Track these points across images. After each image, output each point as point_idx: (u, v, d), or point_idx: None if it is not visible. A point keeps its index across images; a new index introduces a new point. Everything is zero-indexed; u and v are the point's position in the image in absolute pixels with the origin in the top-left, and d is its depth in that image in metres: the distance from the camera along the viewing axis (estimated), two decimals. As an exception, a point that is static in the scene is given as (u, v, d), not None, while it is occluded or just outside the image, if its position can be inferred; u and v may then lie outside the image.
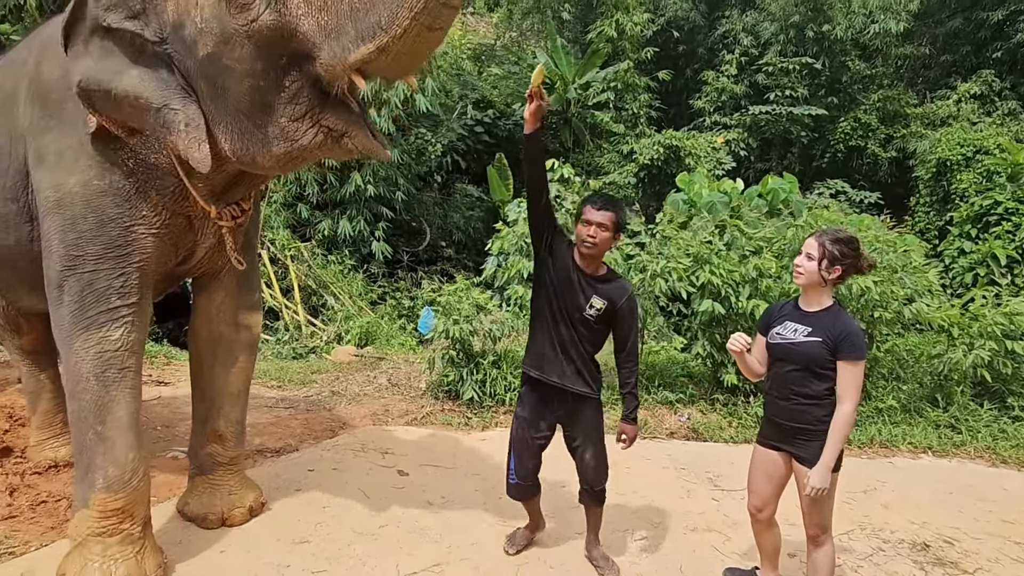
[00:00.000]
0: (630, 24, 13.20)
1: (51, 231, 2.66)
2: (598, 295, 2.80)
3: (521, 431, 3.01)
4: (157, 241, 2.72)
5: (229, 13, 2.21)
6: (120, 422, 2.66)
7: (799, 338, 2.57)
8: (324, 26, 2.15)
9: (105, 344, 2.63)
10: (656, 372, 5.87)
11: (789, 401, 2.61)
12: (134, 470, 2.70)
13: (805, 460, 2.58)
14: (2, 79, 2.98)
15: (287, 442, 4.50)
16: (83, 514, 2.68)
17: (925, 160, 11.74)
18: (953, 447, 5.00)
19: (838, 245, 2.56)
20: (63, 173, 2.62)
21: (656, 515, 3.67)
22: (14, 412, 4.57)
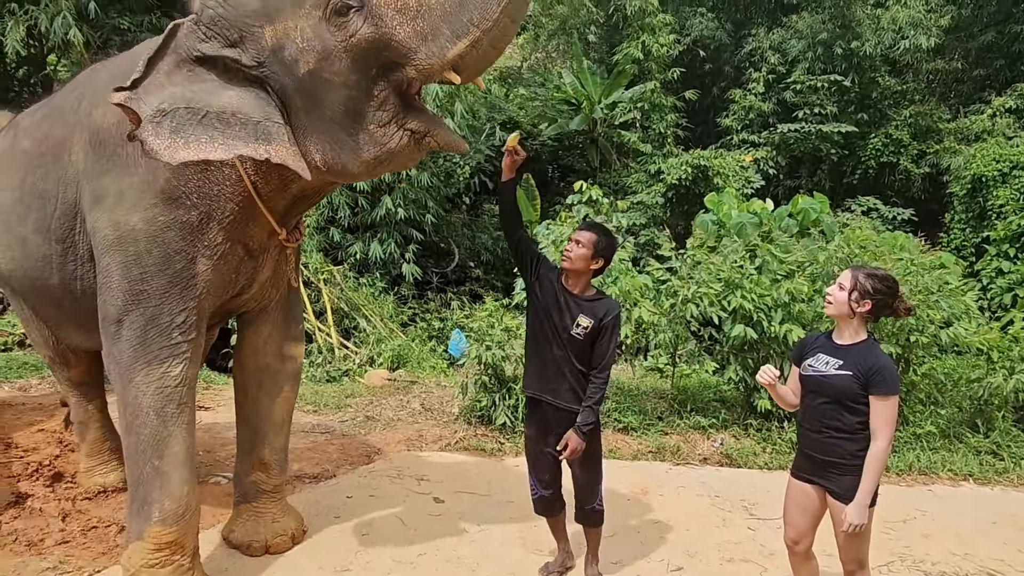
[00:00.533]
0: (656, 45, 13.28)
1: (111, 268, 2.76)
2: (584, 314, 2.92)
3: (532, 447, 3.13)
4: (217, 274, 2.83)
5: (329, 31, 2.42)
6: (176, 457, 2.76)
7: (830, 371, 2.57)
8: (420, 31, 2.37)
9: (166, 379, 2.73)
10: (688, 396, 5.86)
11: (821, 434, 2.60)
12: (188, 504, 2.80)
13: (838, 495, 2.57)
14: (51, 127, 3.12)
15: (324, 468, 4.59)
16: (137, 546, 2.77)
17: (960, 176, 11.57)
18: (995, 474, 4.90)
19: (872, 280, 2.58)
20: (123, 212, 2.74)
21: (692, 545, 3.67)
22: (64, 438, 4.75)
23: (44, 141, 3.10)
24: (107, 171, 2.80)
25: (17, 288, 3.41)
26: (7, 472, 4.26)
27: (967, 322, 5.33)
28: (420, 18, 2.36)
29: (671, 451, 5.11)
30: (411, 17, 2.37)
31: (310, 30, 2.45)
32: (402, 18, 2.37)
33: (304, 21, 2.46)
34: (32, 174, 3.11)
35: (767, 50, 14.44)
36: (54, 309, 3.37)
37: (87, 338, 3.49)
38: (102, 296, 2.84)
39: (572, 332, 2.92)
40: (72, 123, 2.99)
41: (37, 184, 3.08)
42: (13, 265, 3.27)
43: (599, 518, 3.14)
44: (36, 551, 3.35)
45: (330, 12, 2.40)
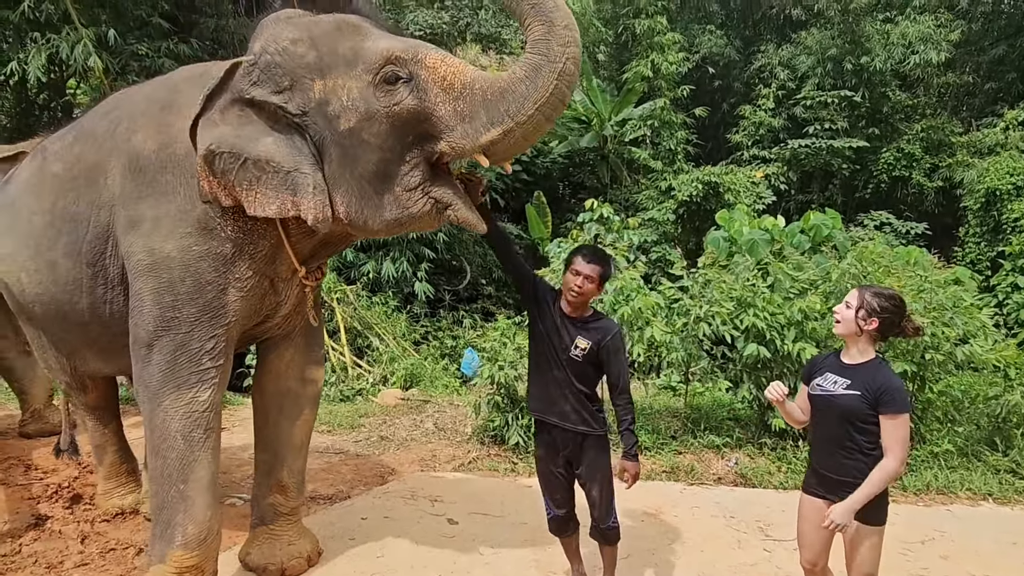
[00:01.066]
0: (665, 63, 13.37)
1: (143, 293, 2.82)
2: (582, 336, 2.94)
3: (543, 467, 3.16)
4: (245, 303, 2.89)
5: (375, 95, 2.59)
6: (201, 482, 2.80)
7: (838, 390, 2.57)
8: (459, 111, 2.56)
9: (194, 404, 2.78)
10: (701, 415, 5.84)
11: (833, 453, 2.60)
12: (210, 529, 2.83)
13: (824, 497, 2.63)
14: (83, 151, 3.16)
15: (339, 488, 4.61)
16: (159, 569, 2.81)
17: (973, 190, 11.53)
18: (1015, 493, 4.83)
19: (878, 298, 2.58)
20: (159, 239, 2.79)
21: (707, 567, 3.65)
22: (82, 460, 4.81)
23: (76, 165, 3.14)
24: (145, 197, 2.86)
25: (40, 313, 3.43)
26: (27, 494, 4.32)
27: (983, 339, 5.29)
28: (462, 100, 2.55)
29: (685, 471, 5.09)
30: (454, 97, 2.56)
31: (357, 91, 2.61)
32: (445, 96, 2.57)
33: (353, 82, 2.62)
34: (64, 198, 3.14)
35: (776, 66, 14.52)
36: (78, 335, 3.39)
37: (106, 364, 3.55)
38: (133, 320, 2.89)
39: (571, 354, 2.94)
40: (109, 148, 3.03)
41: (69, 207, 3.11)
42: (40, 289, 3.30)
43: (615, 535, 3.14)
44: (56, 573, 3.39)
45: (380, 79, 2.58)
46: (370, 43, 2.66)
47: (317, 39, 2.69)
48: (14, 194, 3.49)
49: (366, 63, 2.61)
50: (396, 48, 2.61)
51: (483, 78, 2.59)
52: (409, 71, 2.59)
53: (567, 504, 3.19)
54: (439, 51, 2.67)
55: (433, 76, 2.58)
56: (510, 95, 2.49)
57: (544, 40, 2.45)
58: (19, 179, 3.55)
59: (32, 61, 7.46)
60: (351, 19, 2.78)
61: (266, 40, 2.71)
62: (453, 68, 2.60)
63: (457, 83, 2.57)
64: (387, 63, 2.58)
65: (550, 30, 2.44)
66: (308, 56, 2.65)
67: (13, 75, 7.68)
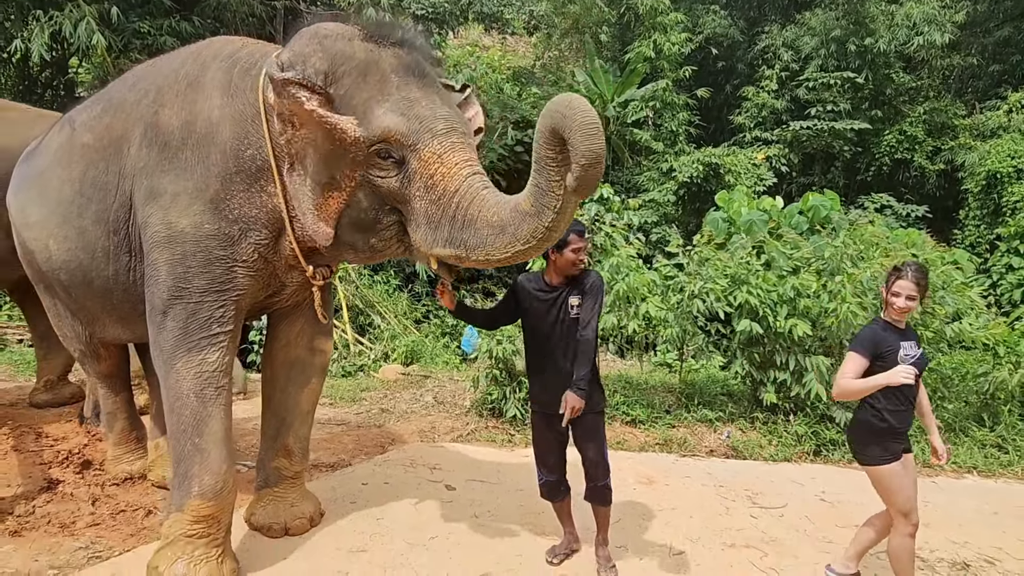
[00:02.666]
0: (667, 44, 13.33)
1: (159, 263, 2.93)
2: (572, 295, 3.14)
3: (538, 433, 3.34)
4: (252, 280, 3.01)
5: (366, 161, 2.65)
6: (215, 435, 2.93)
7: (918, 352, 2.97)
8: (429, 215, 2.64)
9: (204, 365, 2.91)
10: (696, 390, 5.96)
11: (909, 409, 2.99)
12: (226, 480, 2.97)
13: (907, 448, 3.03)
14: (112, 121, 3.23)
15: (340, 457, 4.75)
16: (177, 516, 2.95)
17: (974, 172, 11.52)
18: (1000, 467, 4.96)
19: (925, 279, 2.98)
20: (176, 213, 2.90)
21: (694, 531, 3.78)
22: (92, 428, 4.95)
23: (106, 135, 3.22)
24: (167, 171, 2.95)
25: (66, 280, 3.53)
26: (39, 460, 4.46)
27: (973, 318, 5.38)
28: (436, 206, 2.61)
29: (678, 443, 5.22)
30: (431, 200, 2.62)
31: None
32: (425, 194, 2.63)
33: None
34: (94, 167, 3.23)
35: (780, 47, 14.42)
36: (100, 301, 3.50)
37: (125, 330, 3.65)
38: (150, 289, 3.01)
39: (571, 316, 3.12)
40: (135, 118, 3.11)
41: (99, 177, 3.21)
42: (69, 256, 3.40)
43: (608, 495, 3.25)
44: (68, 532, 3.52)
45: (373, 150, 2.64)
46: (381, 110, 2.63)
47: (341, 78, 2.68)
48: (43, 164, 3.58)
49: (367, 130, 2.61)
50: (399, 130, 2.60)
51: (468, 193, 2.57)
52: (403, 155, 2.62)
53: (558, 470, 3.32)
54: (445, 141, 2.63)
55: (422, 171, 2.61)
56: (478, 231, 2.53)
57: (550, 193, 2.38)
58: (48, 149, 3.64)
59: (35, 39, 7.52)
60: (384, 63, 2.72)
61: (296, 58, 2.72)
62: (445, 170, 2.60)
63: (440, 187, 2.59)
64: (383, 141, 2.61)
65: (567, 183, 2.33)
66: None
67: (16, 53, 7.76)
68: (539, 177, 2.39)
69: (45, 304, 4.12)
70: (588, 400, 3.07)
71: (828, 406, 5.23)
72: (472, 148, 2.75)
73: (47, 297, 4.00)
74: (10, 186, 3.95)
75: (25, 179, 3.75)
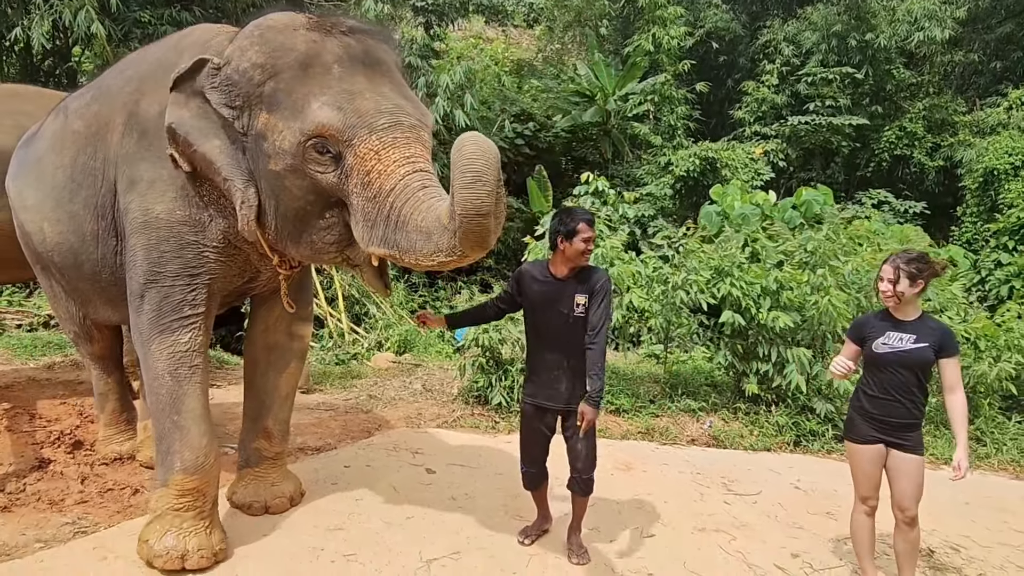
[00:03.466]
0: (667, 38, 13.34)
1: (136, 248, 3.03)
2: (579, 292, 3.07)
3: (526, 423, 3.34)
4: (224, 265, 3.08)
5: (304, 156, 2.60)
6: (193, 412, 3.02)
7: (908, 345, 2.89)
8: (366, 212, 2.56)
9: (177, 346, 3.00)
10: (680, 381, 6.03)
11: (896, 400, 2.93)
12: (207, 454, 3.06)
13: (908, 447, 2.95)
14: (100, 108, 3.32)
15: (326, 441, 4.84)
16: (162, 491, 3.06)
17: (972, 169, 11.52)
18: (976, 459, 5.02)
19: (914, 264, 2.90)
20: (152, 200, 2.99)
21: (667, 515, 3.86)
22: (84, 410, 5.05)
23: (94, 122, 3.31)
24: (145, 159, 3.04)
25: (59, 262, 3.63)
26: (32, 440, 4.56)
27: (954, 312, 5.43)
28: (372, 204, 2.53)
29: (660, 432, 5.30)
30: (367, 197, 2.54)
31: (289, 144, 2.61)
32: (362, 191, 2.56)
33: (289, 133, 2.61)
34: (84, 153, 3.32)
35: (781, 42, 14.43)
36: (89, 283, 3.59)
37: (114, 312, 3.73)
38: (128, 273, 3.11)
39: (575, 314, 3.06)
40: (118, 106, 3.18)
41: (88, 163, 3.29)
42: (61, 239, 3.50)
43: (591, 487, 3.26)
44: (57, 509, 3.62)
45: (309, 144, 2.57)
46: (318, 104, 2.56)
47: (280, 71, 2.64)
48: (41, 150, 3.69)
49: (303, 124, 2.57)
50: (333, 124, 2.53)
51: (403, 193, 2.49)
52: (339, 150, 2.56)
53: (540, 462, 3.38)
54: (384, 136, 2.54)
55: (358, 167, 2.55)
56: (409, 234, 2.47)
57: (455, 205, 2.30)
58: (45, 135, 3.74)
59: (36, 28, 7.59)
60: (328, 54, 2.64)
61: (235, 51, 2.72)
62: (381, 167, 2.52)
63: (375, 185, 2.52)
64: (318, 136, 2.56)
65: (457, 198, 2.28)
66: (265, 87, 2.65)
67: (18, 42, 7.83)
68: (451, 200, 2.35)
69: (43, 286, 4.22)
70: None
71: (809, 397, 5.30)
72: (420, 143, 2.62)
73: (44, 279, 4.09)
74: (9, 170, 4.06)
75: (23, 164, 3.85)
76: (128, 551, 3.15)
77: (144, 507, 3.70)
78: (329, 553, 3.25)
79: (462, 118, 10.15)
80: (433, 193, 2.52)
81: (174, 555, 2.98)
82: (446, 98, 9.64)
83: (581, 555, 3.30)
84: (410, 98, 2.75)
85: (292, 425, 4.16)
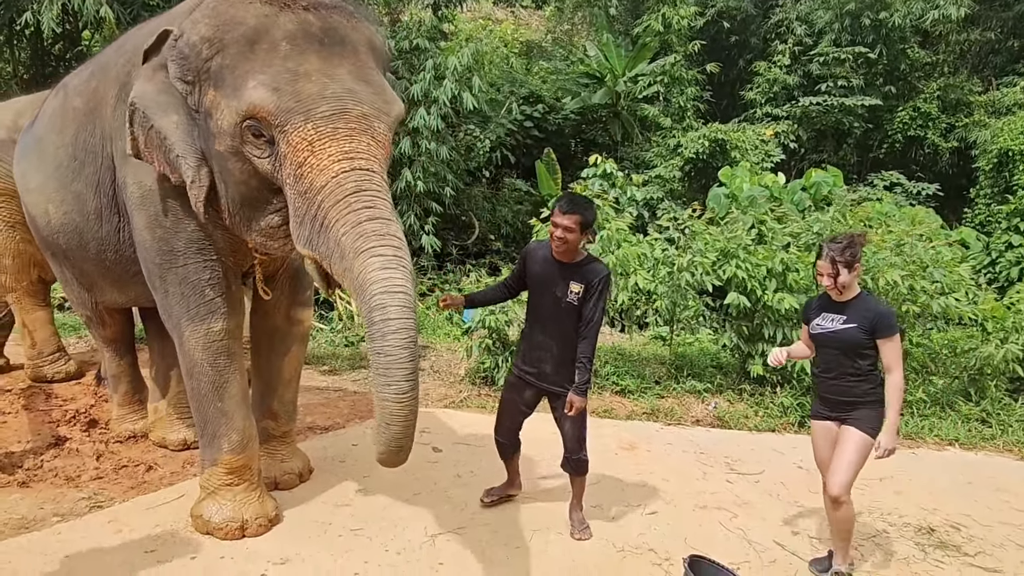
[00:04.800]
0: (676, 18, 13.20)
1: (141, 226, 3.04)
2: (575, 280, 3.09)
3: (507, 394, 3.46)
4: (229, 240, 3.03)
5: (243, 138, 2.47)
6: (235, 397, 3.12)
7: (837, 326, 2.96)
8: (296, 207, 2.42)
9: (211, 335, 3.04)
10: (686, 362, 6.06)
11: (839, 379, 2.98)
12: (250, 435, 3.19)
13: (852, 420, 2.95)
14: (97, 84, 3.32)
15: (335, 421, 4.93)
16: (213, 470, 3.19)
17: (986, 150, 11.38)
18: (982, 440, 5.03)
19: (846, 251, 2.90)
20: (144, 172, 2.97)
21: (670, 493, 3.91)
22: (99, 390, 5.17)
23: (92, 98, 3.31)
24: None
25: (64, 244, 3.66)
26: (48, 418, 4.68)
27: (961, 293, 5.41)
28: (302, 199, 2.38)
29: (665, 413, 5.34)
30: (299, 192, 2.38)
31: (228, 124, 2.49)
32: (294, 183, 2.40)
33: (228, 111, 2.48)
34: (84, 130, 3.33)
35: (794, 21, 14.22)
36: (94, 264, 3.62)
37: (120, 293, 3.79)
38: (140, 254, 3.13)
39: (568, 300, 3.10)
40: (112, 79, 3.17)
41: (88, 140, 3.30)
42: (66, 220, 3.52)
43: (584, 467, 3.37)
44: (73, 484, 3.73)
45: (244, 126, 2.44)
46: (254, 83, 2.39)
47: (227, 47, 2.48)
48: (41, 131, 3.71)
49: (238, 103, 2.42)
50: (265, 107, 2.36)
51: (333, 194, 2.28)
52: (272, 135, 2.41)
53: (511, 435, 3.50)
54: (322, 126, 2.33)
55: (291, 157, 2.37)
56: (327, 242, 2.31)
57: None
58: (44, 115, 3.76)
59: (45, 12, 7.64)
60: (278, 30, 2.44)
61: (189, 23, 2.58)
62: (315, 160, 2.32)
63: (307, 180, 2.33)
64: (250, 117, 2.41)
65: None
66: (212, 63, 2.52)
67: (28, 26, 7.88)
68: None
69: (55, 270, 4.28)
70: (567, 390, 3.16)
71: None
72: (368, 135, 2.39)
73: (55, 264, 4.15)
74: (14, 155, 4.10)
75: (26, 147, 3.89)
76: (142, 524, 3.26)
77: (157, 483, 3.81)
78: (337, 527, 3.33)
79: (470, 100, 10.12)
80: (366, 200, 2.29)
81: (233, 526, 3.14)
82: (454, 80, 9.60)
83: (583, 531, 3.36)
84: (372, 82, 2.51)
85: (301, 405, 4.25)
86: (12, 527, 3.23)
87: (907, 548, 3.44)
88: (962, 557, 3.39)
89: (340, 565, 3.01)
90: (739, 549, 3.34)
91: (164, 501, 3.55)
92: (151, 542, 3.13)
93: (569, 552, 3.22)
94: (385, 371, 2.13)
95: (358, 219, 2.26)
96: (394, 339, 2.10)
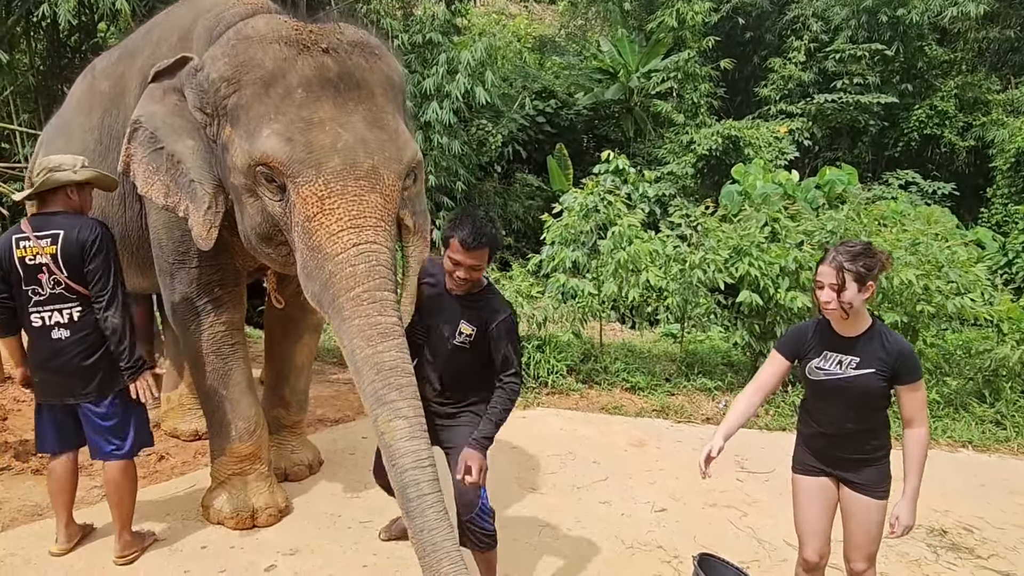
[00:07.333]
0: (691, 13, 13.12)
1: (159, 226, 3.09)
2: (466, 321, 2.46)
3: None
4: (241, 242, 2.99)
5: (256, 178, 2.46)
6: (240, 386, 3.16)
7: (848, 372, 2.22)
8: (304, 259, 2.39)
9: (216, 327, 3.09)
10: (696, 360, 6.04)
11: (841, 435, 2.31)
12: (257, 423, 3.21)
13: (861, 486, 2.30)
14: (124, 69, 3.34)
15: (345, 413, 4.94)
16: (222, 460, 3.21)
17: (1004, 149, 11.26)
18: (996, 442, 4.97)
19: (859, 261, 2.18)
20: None
21: (678, 491, 3.90)
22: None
23: (119, 83, 3.34)
24: None
25: None
26: (62, 406, 4.71)
27: (977, 293, 5.35)
28: (311, 254, 2.35)
29: (675, 410, 5.31)
30: (307, 245, 2.35)
31: (242, 163, 2.49)
32: (302, 235, 2.37)
33: (242, 152, 2.48)
34: (109, 115, 3.36)
35: (810, 17, 14.12)
36: (121, 248, 3.62)
37: (143, 278, 3.76)
38: (156, 251, 3.17)
39: (456, 342, 2.47)
40: (137, 67, 3.19)
41: (113, 125, 3.33)
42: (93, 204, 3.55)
43: (485, 539, 2.50)
44: (85, 473, 3.72)
45: (257, 169, 2.44)
46: (268, 131, 2.38)
47: (243, 87, 2.48)
48: (68, 114, 3.74)
49: (251, 148, 2.43)
50: (278, 156, 2.35)
51: (344, 270, 2.25)
52: (283, 183, 2.39)
53: (384, 476, 2.42)
54: (333, 183, 2.29)
55: (300, 208, 2.34)
56: (335, 314, 2.30)
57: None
58: (72, 98, 3.79)
59: (62, 4, 7.68)
60: (294, 75, 2.42)
61: (209, 58, 2.59)
62: (323, 219, 2.30)
63: (316, 239, 2.31)
64: (263, 164, 2.40)
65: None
66: (229, 101, 2.52)
67: (44, 18, 7.92)
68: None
69: None
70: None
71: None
72: (377, 192, 2.33)
73: None
74: (41, 139, 4.13)
75: (54, 130, 3.92)
76: (153, 513, 3.28)
77: (168, 472, 3.84)
78: (346, 519, 3.35)
79: (483, 95, 10.10)
80: (375, 280, 2.25)
81: (244, 515, 3.17)
82: (467, 75, 9.58)
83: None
84: (386, 127, 2.46)
85: (312, 397, 4.27)
86: (25, 514, 3.27)
87: (919, 550, 3.41)
88: (975, 559, 3.35)
89: (349, 557, 3.02)
90: (748, 548, 3.32)
91: (175, 491, 3.58)
92: (162, 531, 3.16)
93: (578, 548, 3.22)
94: (433, 548, 2.08)
95: (368, 324, 2.23)
96: (432, 514, 2.11)
